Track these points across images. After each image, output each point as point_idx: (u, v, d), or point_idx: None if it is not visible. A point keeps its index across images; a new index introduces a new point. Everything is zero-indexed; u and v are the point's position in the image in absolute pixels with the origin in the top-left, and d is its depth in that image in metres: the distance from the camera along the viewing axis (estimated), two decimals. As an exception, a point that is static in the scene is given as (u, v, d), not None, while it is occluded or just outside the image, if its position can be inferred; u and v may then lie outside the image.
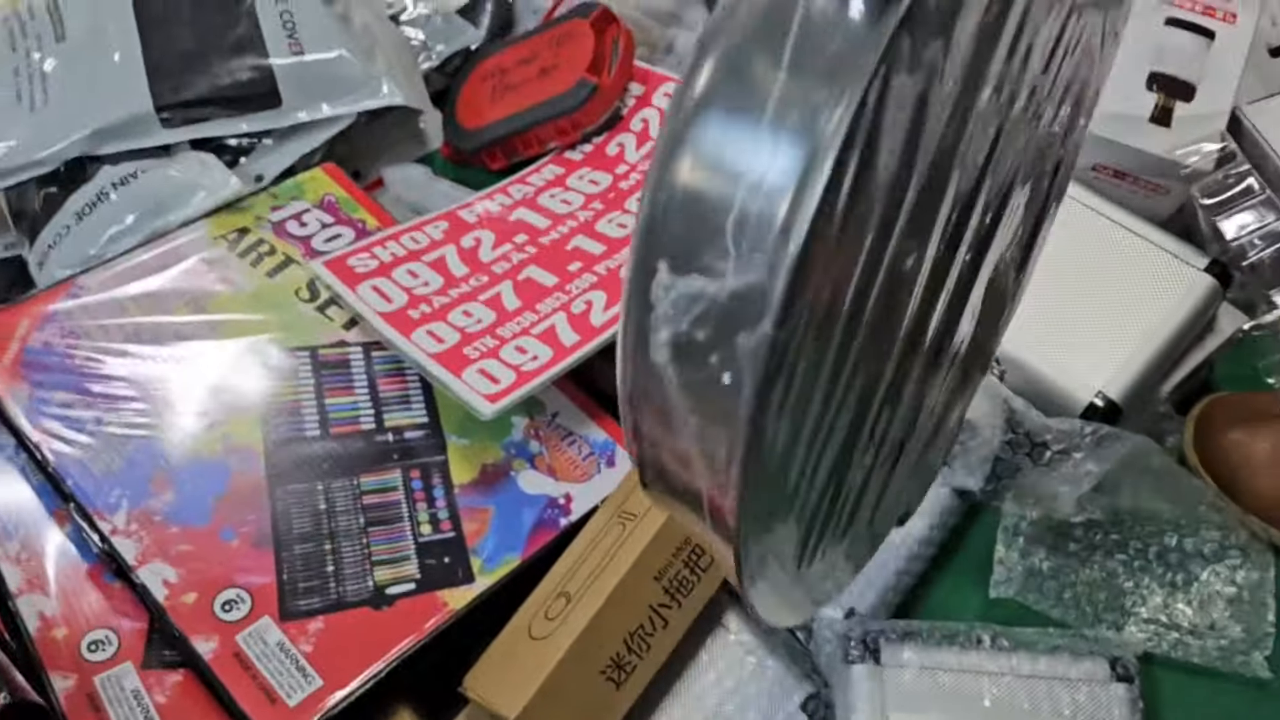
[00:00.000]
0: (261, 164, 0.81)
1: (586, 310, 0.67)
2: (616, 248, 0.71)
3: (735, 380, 0.28)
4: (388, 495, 0.63)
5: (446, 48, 0.91)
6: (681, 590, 0.56)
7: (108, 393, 0.66)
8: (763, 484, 0.32)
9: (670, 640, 0.56)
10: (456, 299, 0.70)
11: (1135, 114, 0.70)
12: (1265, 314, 0.67)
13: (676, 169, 0.28)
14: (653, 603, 0.55)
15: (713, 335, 0.28)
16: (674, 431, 0.31)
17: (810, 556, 0.41)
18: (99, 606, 0.59)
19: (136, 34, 0.80)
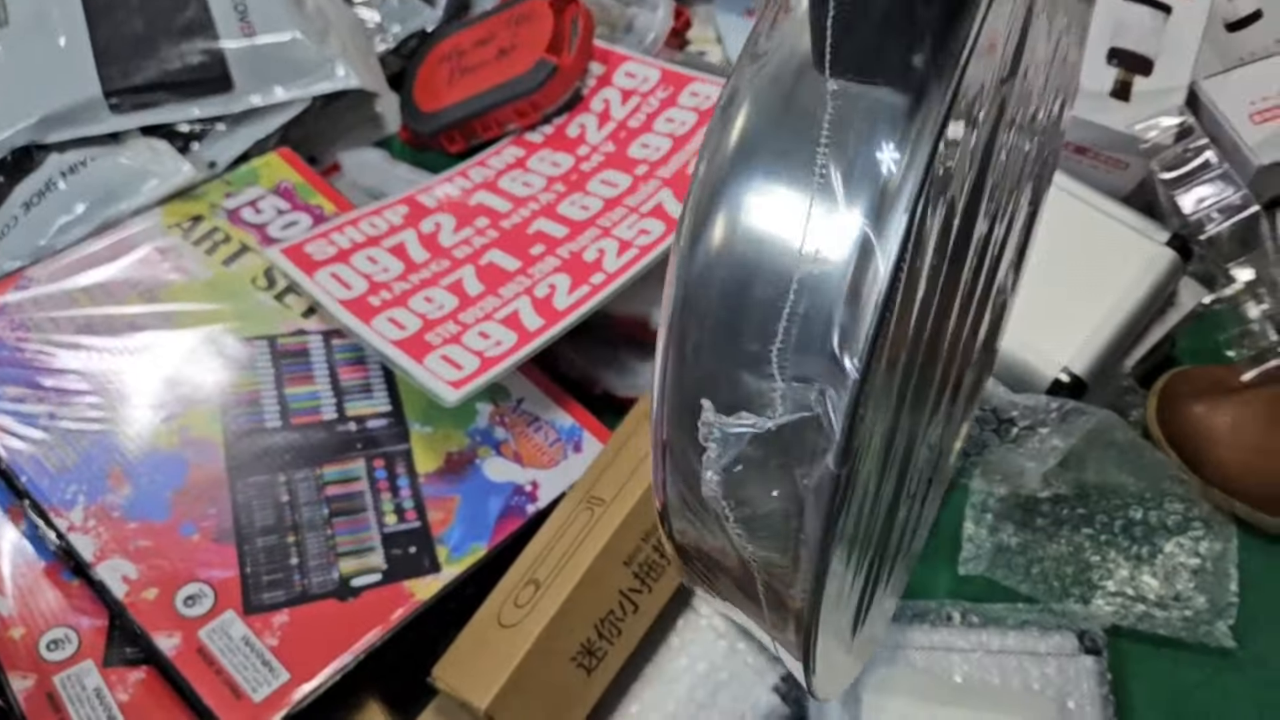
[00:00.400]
0: (214, 150, 0.80)
1: (550, 294, 0.66)
2: (579, 229, 0.71)
3: (797, 515, 0.26)
4: (351, 485, 0.63)
5: (402, 29, 0.90)
6: (651, 574, 0.56)
7: (60, 386, 0.64)
8: (824, 587, 0.30)
9: (641, 625, 0.56)
10: (417, 285, 0.69)
11: (1095, 89, 0.70)
12: (1224, 287, 0.68)
13: (709, 254, 0.26)
14: (622, 588, 0.55)
15: (768, 473, 0.26)
16: (725, 560, 0.30)
17: (863, 620, 0.40)
18: (57, 605, 0.58)
19: (83, 17, 0.79)
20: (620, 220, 0.70)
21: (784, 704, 0.56)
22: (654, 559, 0.56)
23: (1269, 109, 0.68)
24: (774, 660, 0.57)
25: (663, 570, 0.56)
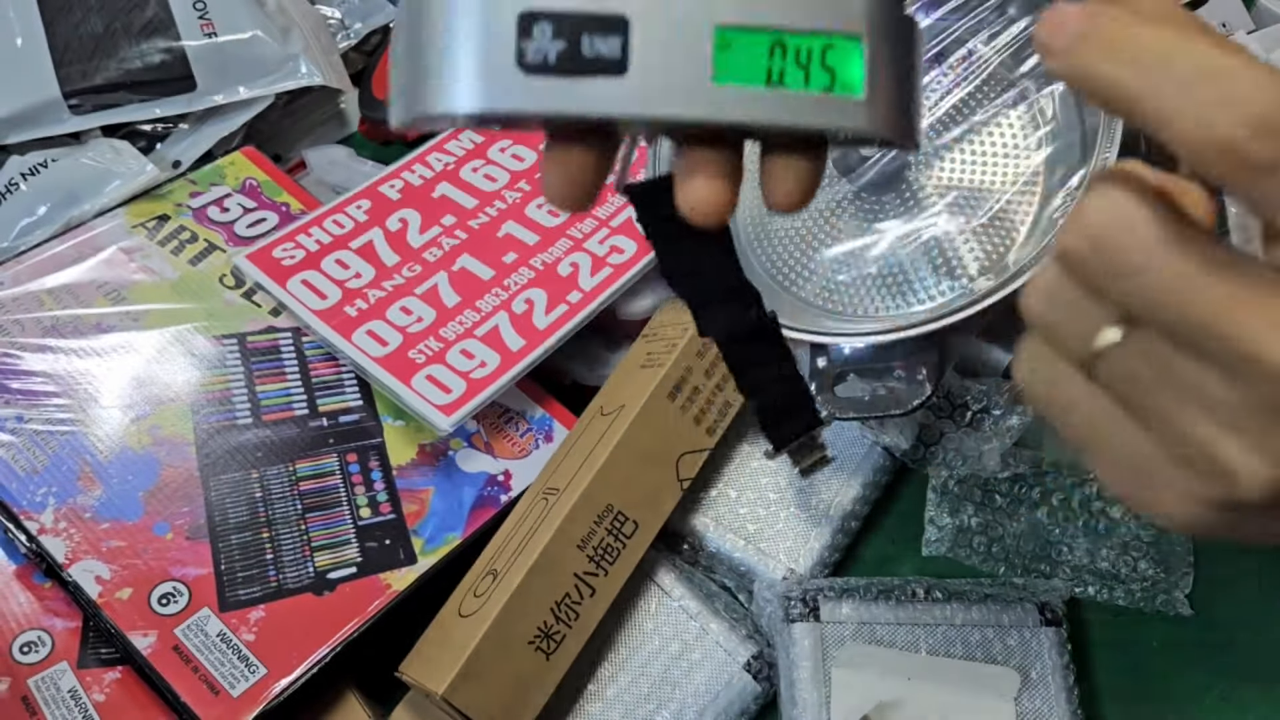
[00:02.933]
0: (178, 149, 0.79)
1: (529, 310, 0.67)
2: (550, 238, 0.71)
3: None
4: (325, 480, 0.63)
5: (364, 25, 0.90)
6: (607, 558, 0.57)
7: (28, 389, 0.64)
8: None
9: (599, 608, 0.56)
10: (392, 292, 0.69)
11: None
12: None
13: None
14: (578, 571, 0.56)
15: None
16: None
17: None
18: (29, 607, 0.58)
19: (39, 17, 0.78)
20: (591, 233, 0.71)
21: (756, 682, 0.57)
22: (609, 542, 0.57)
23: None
24: (745, 639, 0.58)
25: (619, 553, 0.57)
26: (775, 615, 0.57)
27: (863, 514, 0.63)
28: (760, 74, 0.27)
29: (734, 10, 0.27)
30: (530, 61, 0.26)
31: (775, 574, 0.60)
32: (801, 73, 0.27)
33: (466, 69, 0.26)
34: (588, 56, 0.26)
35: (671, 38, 0.27)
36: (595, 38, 0.26)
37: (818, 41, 0.27)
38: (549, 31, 0.26)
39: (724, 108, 0.27)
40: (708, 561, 0.62)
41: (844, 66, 0.27)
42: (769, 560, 0.60)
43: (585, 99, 0.27)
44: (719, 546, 0.62)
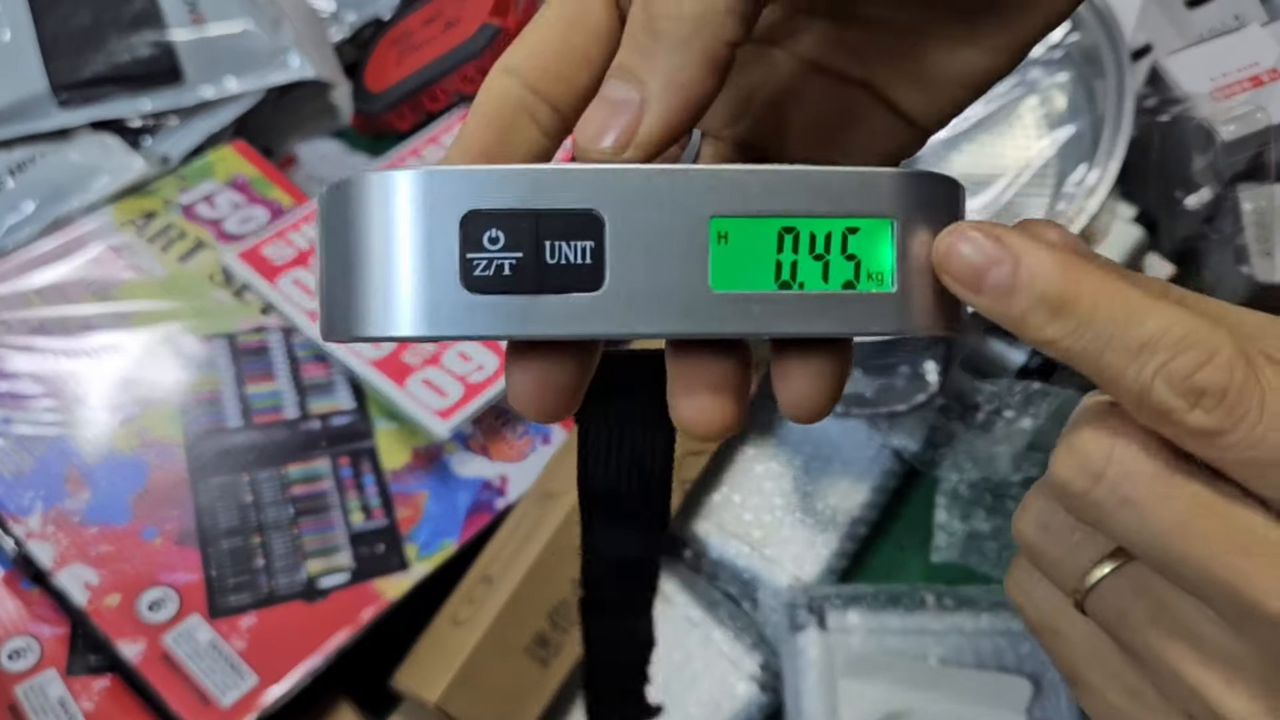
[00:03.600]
0: (167, 144, 0.79)
1: None
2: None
3: None
4: (316, 484, 0.62)
5: (358, 17, 0.89)
6: None
7: (14, 391, 0.63)
8: None
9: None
10: None
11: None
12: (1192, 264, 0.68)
13: None
14: (574, 576, 0.54)
15: None
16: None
17: None
18: (16, 614, 0.57)
19: (28, 10, 0.77)
20: None
21: (761, 693, 0.56)
22: None
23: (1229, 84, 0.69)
24: (750, 648, 0.57)
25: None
26: (780, 624, 0.56)
27: (871, 519, 0.62)
28: (768, 272, 0.22)
29: (732, 196, 0.22)
30: (478, 279, 0.21)
31: (780, 581, 0.59)
32: (818, 266, 0.23)
33: (403, 286, 0.22)
34: (552, 268, 0.22)
35: (656, 236, 0.22)
36: (561, 244, 0.22)
37: (837, 225, 0.23)
38: (501, 239, 0.21)
39: (726, 319, 0.22)
40: (711, 569, 0.61)
41: (871, 253, 0.23)
42: (774, 567, 0.60)
43: (551, 319, 0.22)
44: (723, 553, 0.61)
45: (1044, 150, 0.66)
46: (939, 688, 0.54)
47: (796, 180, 0.22)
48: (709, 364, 0.25)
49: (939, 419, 0.62)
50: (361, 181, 0.22)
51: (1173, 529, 0.23)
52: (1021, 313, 0.22)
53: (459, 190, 0.22)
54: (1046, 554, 0.27)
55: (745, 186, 0.22)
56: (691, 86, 0.23)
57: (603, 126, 0.23)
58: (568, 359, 0.25)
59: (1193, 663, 0.24)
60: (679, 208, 0.22)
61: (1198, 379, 0.21)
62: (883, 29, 0.28)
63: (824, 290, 0.23)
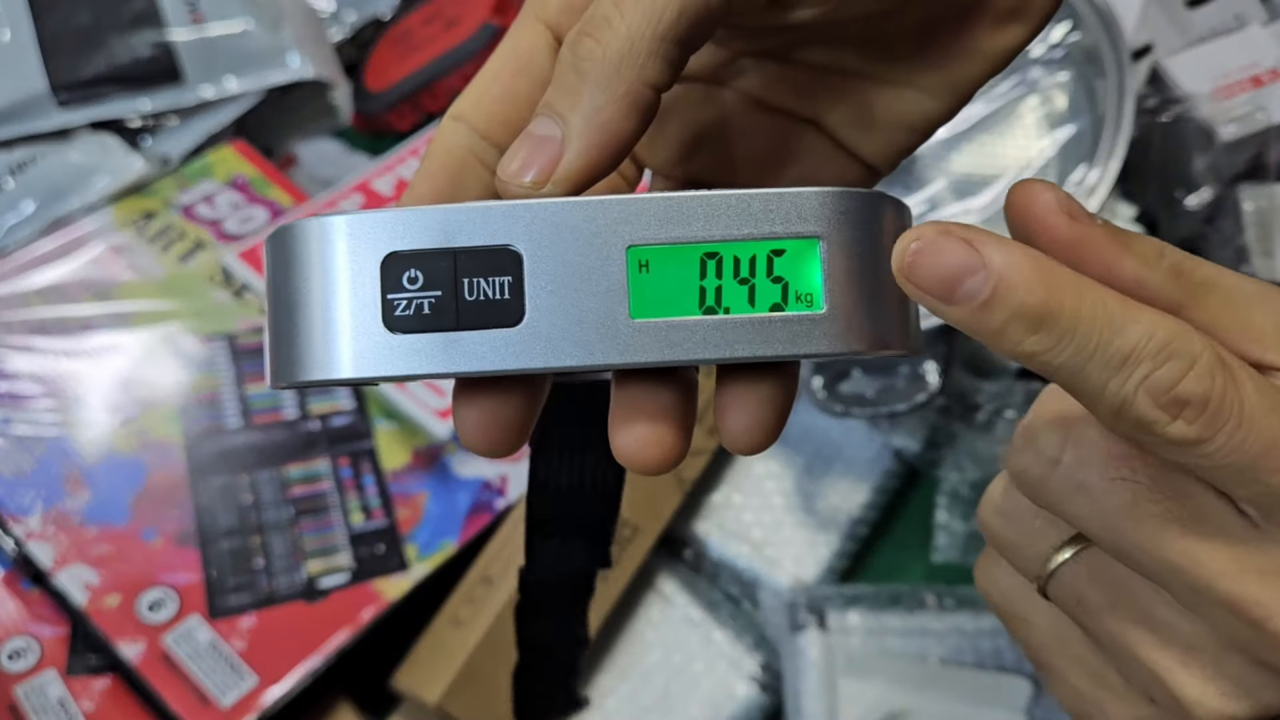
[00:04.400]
0: (167, 144, 0.78)
1: None
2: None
3: None
4: (316, 485, 0.62)
5: (358, 17, 0.89)
6: None
7: (13, 391, 0.63)
8: None
9: (598, 614, 0.55)
10: None
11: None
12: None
13: None
14: None
15: None
16: None
17: None
18: (16, 614, 0.57)
19: (27, 10, 0.77)
20: None
21: (762, 693, 0.56)
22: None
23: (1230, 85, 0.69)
24: (750, 649, 0.56)
25: (617, 558, 0.56)
26: (781, 624, 0.56)
27: (871, 520, 0.62)
28: (692, 299, 0.22)
29: (649, 224, 0.22)
30: (399, 319, 0.21)
31: (781, 582, 0.59)
32: (744, 290, 0.22)
33: (334, 330, 0.22)
34: (471, 305, 0.22)
35: (575, 267, 0.22)
36: (479, 280, 0.22)
37: (762, 247, 0.22)
38: (420, 279, 0.22)
39: (649, 348, 0.22)
40: (711, 569, 0.61)
41: (798, 274, 0.22)
42: (774, 568, 0.60)
43: (473, 356, 0.22)
44: (723, 554, 0.61)
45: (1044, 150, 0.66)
46: (939, 688, 0.54)
47: (717, 204, 0.22)
48: (648, 392, 0.24)
49: (940, 419, 0.62)
50: (297, 227, 0.23)
51: (1125, 515, 0.23)
52: (999, 326, 0.21)
53: (380, 233, 0.22)
54: (1009, 541, 0.27)
55: (662, 213, 0.22)
56: (612, 126, 0.22)
57: (524, 163, 0.23)
58: (514, 394, 0.24)
59: (1150, 645, 0.25)
60: (595, 238, 0.22)
61: (1180, 390, 0.21)
62: (824, 70, 0.28)
63: (751, 314, 0.22)
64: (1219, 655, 0.24)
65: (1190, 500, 0.23)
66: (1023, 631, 0.29)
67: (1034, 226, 0.23)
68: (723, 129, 0.29)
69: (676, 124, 0.29)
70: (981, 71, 0.27)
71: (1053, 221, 0.23)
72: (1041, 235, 0.23)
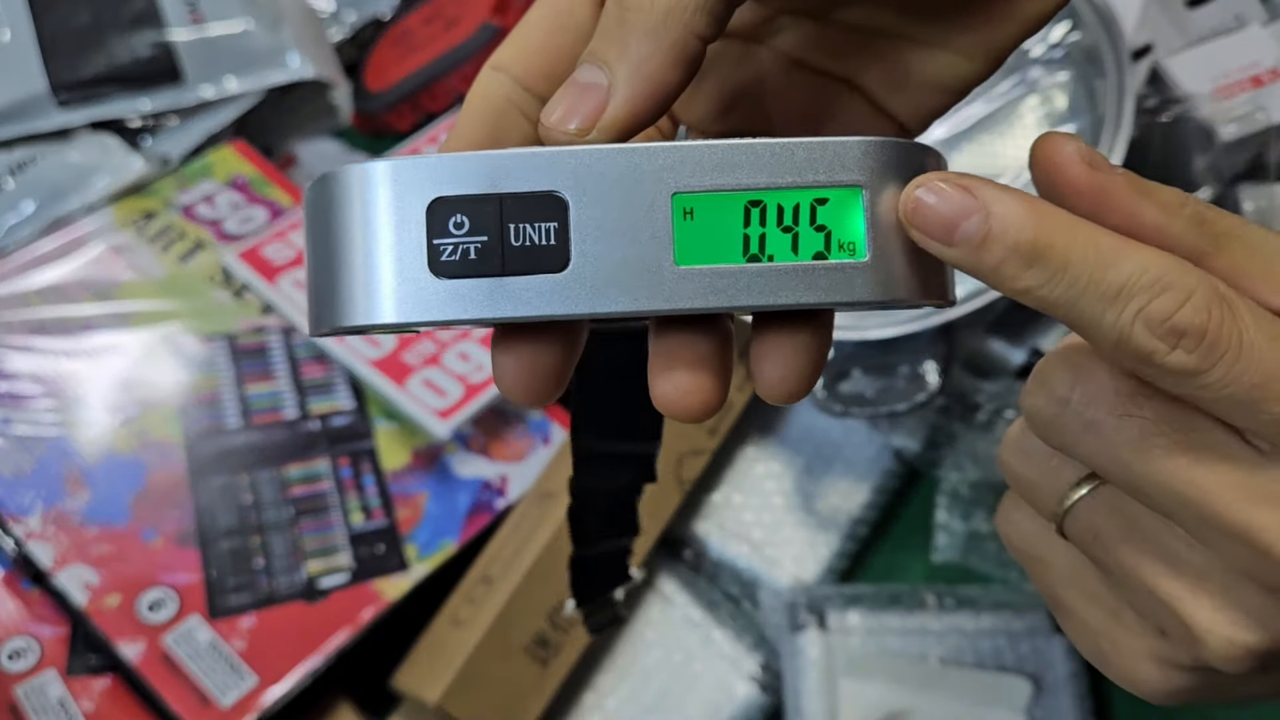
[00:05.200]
0: (167, 144, 0.78)
1: None
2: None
3: None
4: (316, 485, 0.62)
5: (358, 17, 0.89)
6: None
7: (13, 391, 0.63)
8: None
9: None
10: None
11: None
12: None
13: None
14: None
15: None
16: None
17: None
18: (16, 614, 0.57)
19: (27, 10, 0.77)
20: None
21: (761, 693, 0.56)
22: None
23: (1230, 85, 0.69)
24: (750, 649, 0.56)
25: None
26: (781, 624, 0.56)
27: (871, 520, 0.62)
28: (735, 247, 0.22)
29: (695, 171, 0.22)
30: (445, 264, 0.22)
31: (781, 582, 0.59)
32: (787, 238, 0.22)
33: (378, 275, 0.22)
34: (517, 250, 0.22)
35: (620, 214, 0.22)
36: (525, 226, 0.22)
37: (805, 196, 0.22)
38: (466, 224, 0.22)
39: (693, 295, 0.22)
40: (711, 569, 0.61)
41: (841, 223, 0.22)
42: (774, 568, 0.60)
43: (519, 301, 0.22)
44: (723, 553, 0.61)
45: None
46: (939, 688, 0.54)
47: (761, 152, 0.22)
48: (687, 341, 0.25)
49: (940, 419, 0.62)
50: (340, 174, 0.22)
51: (1134, 449, 0.23)
52: (995, 264, 0.22)
53: (425, 178, 0.22)
54: (1028, 479, 0.27)
55: (708, 161, 0.22)
56: (658, 76, 0.23)
57: (569, 109, 0.23)
58: (553, 341, 0.24)
59: (1162, 576, 0.25)
60: (641, 185, 0.22)
61: (1177, 320, 0.21)
62: (860, 30, 0.28)
63: (794, 262, 0.22)
64: (1229, 584, 0.24)
65: (1197, 433, 0.23)
66: (1041, 572, 0.29)
67: (1056, 178, 0.23)
68: (759, 87, 0.30)
69: (713, 80, 0.29)
70: (1018, 33, 0.27)
71: (1075, 172, 0.23)
72: (1064, 186, 0.23)
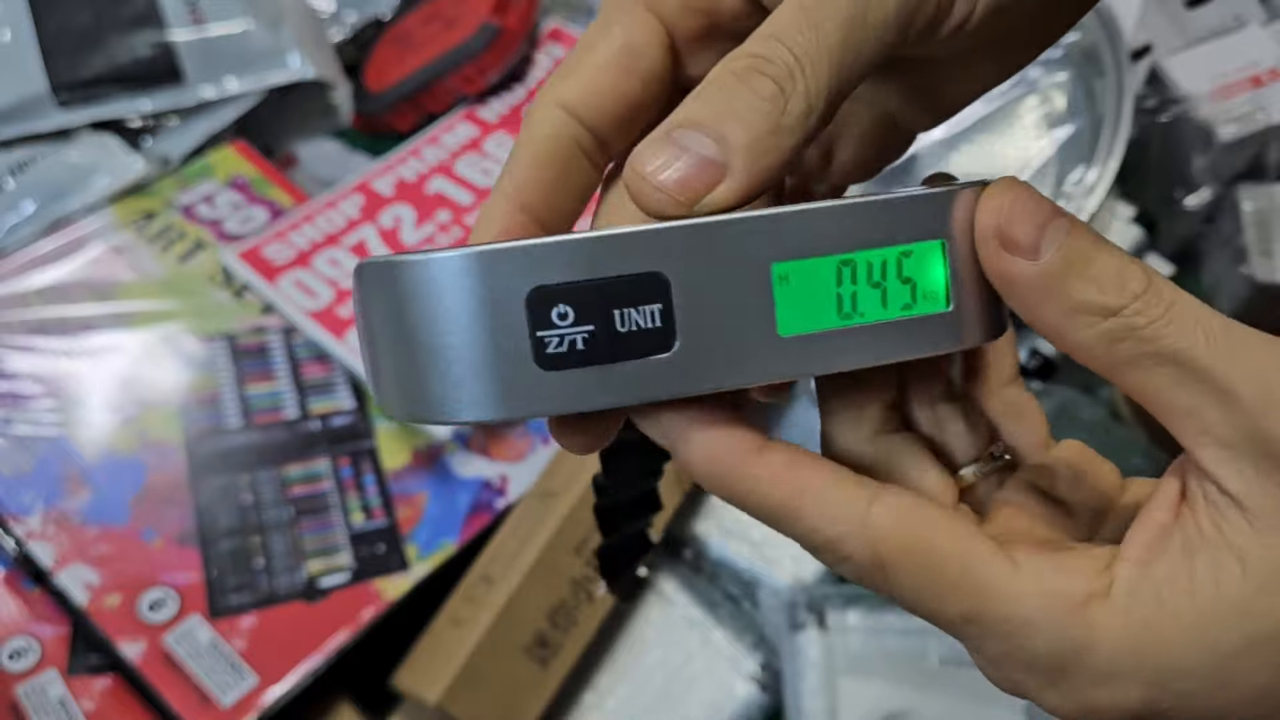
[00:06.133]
0: (167, 144, 0.78)
1: None
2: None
3: None
4: (316, 485, 0.62)
5: (358, 17, 0.89)
6: None
7: (13, 391, 0.63)
8: None
9: (597, 615, 0.55)
10: None
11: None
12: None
13: None
14: (574, 576, 0.54)
15: None
16: None
17: None
18: (17, 614, 0.57)
19: (28, 11, 0.77)
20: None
21: (761, 692, 0.56)
22: None
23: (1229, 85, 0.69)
24: (750, 648, 0.56)
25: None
26: (780, 623, 0.56)
27: (870, 518, 0.62)
28: (830, 307, 0.22)
29: (791, 239, 0.22)
30: (552, 356, 0.21)
31: (781, 581, 0.59)
32: (877, 294, 0.22)
33: (477, 370, 0.21)
34: (624, 336, 0.21)
35: (722, 289, 0.21)
36: (630, 310, 0.21)
37: (892, 252, 0.22)
38: (570, 314, 0.21)
39: (797, 363, 0.22)
40: (711, 569, 0.61)
41: (925, 274, 0.23)
42: (774, 567, 0.59)
43: (629, 386, 0.21)
44: (723, 553, 0.60)
45: (1043, 150, 0.66)
46: (938, 687, 0.54)
47: (852, 214, 0.22)
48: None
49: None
50: (409, 266, 0.21)
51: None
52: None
53: (519, 268, 0.21)
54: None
55: (803, 227, 0.22)
56: (774, 170, 0.22)
57: (684, 181, 0.22)
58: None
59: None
60: (741, 257, 0.22)
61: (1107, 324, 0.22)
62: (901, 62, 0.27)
63: (884, 319, 0.22)
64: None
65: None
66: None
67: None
68: None
69: None
70: (1045, 46, 0.27)
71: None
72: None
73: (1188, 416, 0.22)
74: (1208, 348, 0.22)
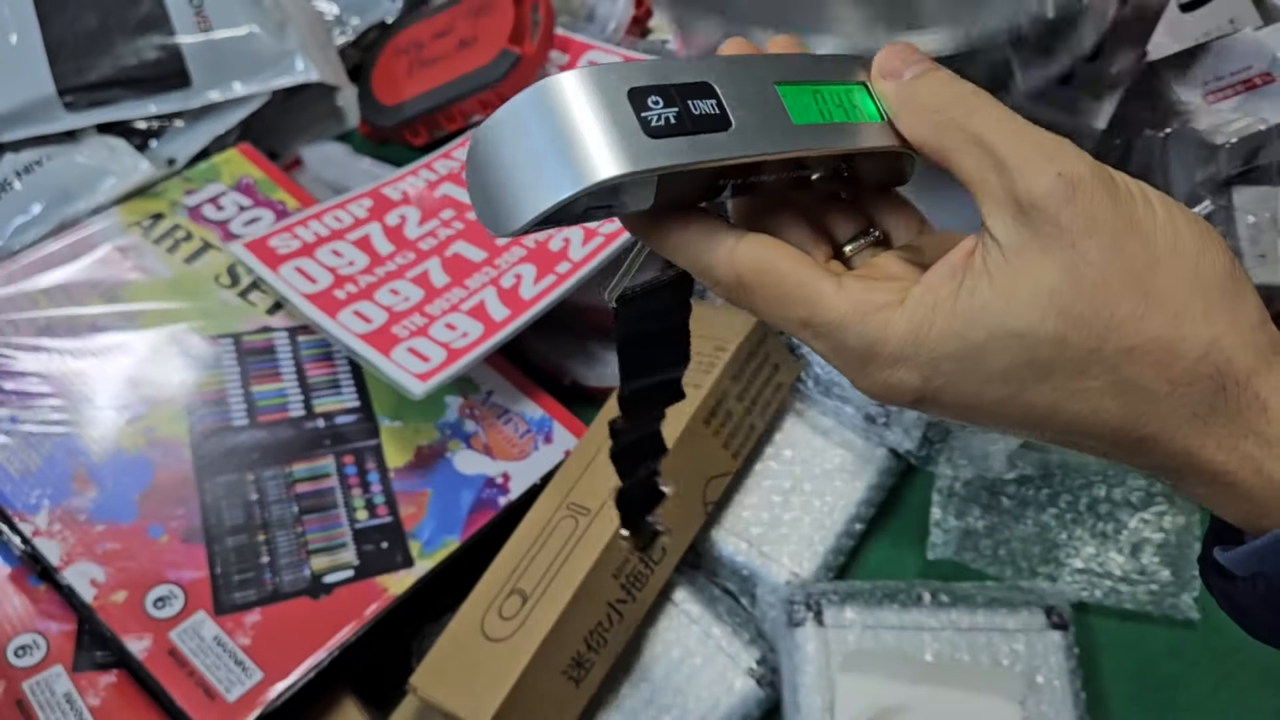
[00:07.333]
0: (173, 147, 0.79)
1: (516, 284, 0.66)
2: (548, 221, 0.71)
3: None
4: (321, 482, 0.62)
5: (362, 21, 0.89)
6: (637, 584, 0.56)
7: (21, 390, 0.64)
8: None
9: (625, 634, 0.55)
10: (383, 277, 0.68)
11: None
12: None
13: None
14: (611, 600, 0.55)
15: None
16: None
17: None
18: (24, 610, 0.57)
19: (34, 14, 0.77)
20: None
21: (759, 688, 0.56)
22: (640, 569, 0.56)
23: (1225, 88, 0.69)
24: (748, 644, 0.57)
25: (647, 579, 0.56)
26: (778, 620, 0.56)
27: (867, 517, 0.62)
28: (815, 112, 0.32)
29: (782, 72, 0.33)
30: (655, 128, 0.29)
31: (779, 578, 0.59)
32: (841, 110, 0.33)
33: (599, 143, 0.29)
34: (698, 117, 0.30)
35: (750, 96, 0.31)
36: (698, 102, 0.30)
37: (840, 87, 0.34)
38: (660, 102, 0.30)
39: (808, 141, 0.32)
40: (710, 565, 0.62)
41: (863, 101, 0.34)
42: (772, 564, 0.60)
43: (708, 149, 0.30)
44: (722, 550, 0.61)
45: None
46: (935, 683, 0.54)
47: (812, 62, 0.34)
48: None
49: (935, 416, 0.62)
50: (550, 82, 0.29)
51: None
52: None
53: (617, 77, 0.29)
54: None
55: (788, 65, 0.33)
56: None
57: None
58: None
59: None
60: (755, 78, 0.32)
61: (937, 118, 0.32)
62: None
63: (848, 122, 0.33)
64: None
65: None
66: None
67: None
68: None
69: None
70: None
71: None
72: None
73: (982, 184, 0.30)
74: (998, 133, 0.30)
